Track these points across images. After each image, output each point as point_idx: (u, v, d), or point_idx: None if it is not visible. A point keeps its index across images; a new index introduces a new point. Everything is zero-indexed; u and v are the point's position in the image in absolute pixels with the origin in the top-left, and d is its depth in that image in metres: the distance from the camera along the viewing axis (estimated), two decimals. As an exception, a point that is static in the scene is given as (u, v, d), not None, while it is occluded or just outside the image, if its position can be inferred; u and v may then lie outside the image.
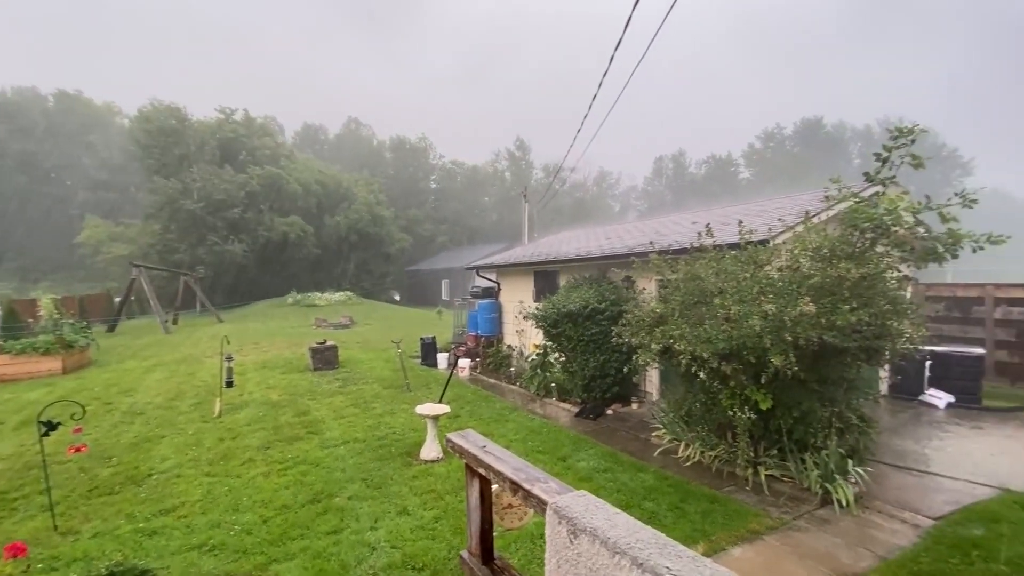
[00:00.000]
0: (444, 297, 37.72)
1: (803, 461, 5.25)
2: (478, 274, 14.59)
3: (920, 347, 5.72)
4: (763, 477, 5.28)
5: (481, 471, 1.66)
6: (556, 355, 9.41)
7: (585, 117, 10.24)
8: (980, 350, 8.50)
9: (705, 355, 5.15)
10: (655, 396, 8.61)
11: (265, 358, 13.84)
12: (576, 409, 8.33)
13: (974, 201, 4.88)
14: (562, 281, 10.79)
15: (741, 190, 62.23)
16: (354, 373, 11.64)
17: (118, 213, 43.72)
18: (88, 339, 14.29)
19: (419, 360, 13.30)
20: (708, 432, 5.97)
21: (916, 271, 5.92)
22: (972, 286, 10.18)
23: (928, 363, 8.40)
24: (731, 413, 5.43)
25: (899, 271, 5.53)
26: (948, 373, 8.29)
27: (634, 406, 8.51)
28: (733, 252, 5.97)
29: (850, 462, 5.11)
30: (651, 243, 7.98)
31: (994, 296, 9.82)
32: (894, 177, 5.28)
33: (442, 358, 12.78)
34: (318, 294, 34.01)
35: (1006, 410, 7.79)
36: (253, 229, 37.00)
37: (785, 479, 5.33)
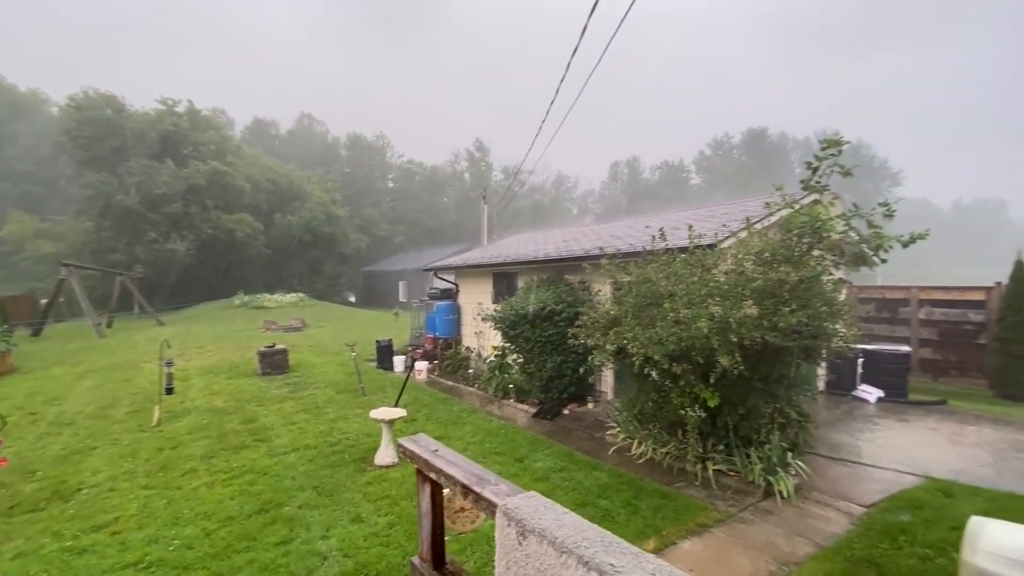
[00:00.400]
0: (401, 299, 37.07)
1: (748, 456, 5.49)
2: (436, 275, 14.45)
3: (853, 346, 6.11)
4: (711, 472, 5.48)
5: (432, 475, 1.64)
6: (514, 356, 9.45)
7: (543, 121, 10.34)
8: (906, 348, 9.16)
9: (656, 356, 5.30)
10: (610, 396, 8.79)
11: (210, 363, 13.18)
12: (534, 410, 8.38)
13: (893, 212, 5.30)
14: (520, 283, 10.84)
15: (692, 195, 64.60)
16: (305, 378, 11.26)
17: (45, 208, 40.60)
18: (8, 344, 13.17)
19: (375, 363, 13.02)
20: (660, 430, 6.15)
21: (849, 274, 6.31)
22: (898, 288, 10.97)
23: (860, 361, 8.97)
24: (682, 411, 5.62)
25: (833, 274, 5.88)
26: (878, 370, 8.89)
27: (590, 406, 8.65)
28: (683, 256, 6.17)
29: (791, 455, 5.39)
30: (605, 247, 8.14)
31: (918, 298, 10.62)
32: (827, 186, 5.62)
33: (399, 361, 12.57)
34: (268, 296, 32.71)
35: (929, 404, 8.42)
36: (197, 226, 35.15)
37: (731, 473, 5.55)
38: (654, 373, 5.48)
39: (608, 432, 6.92)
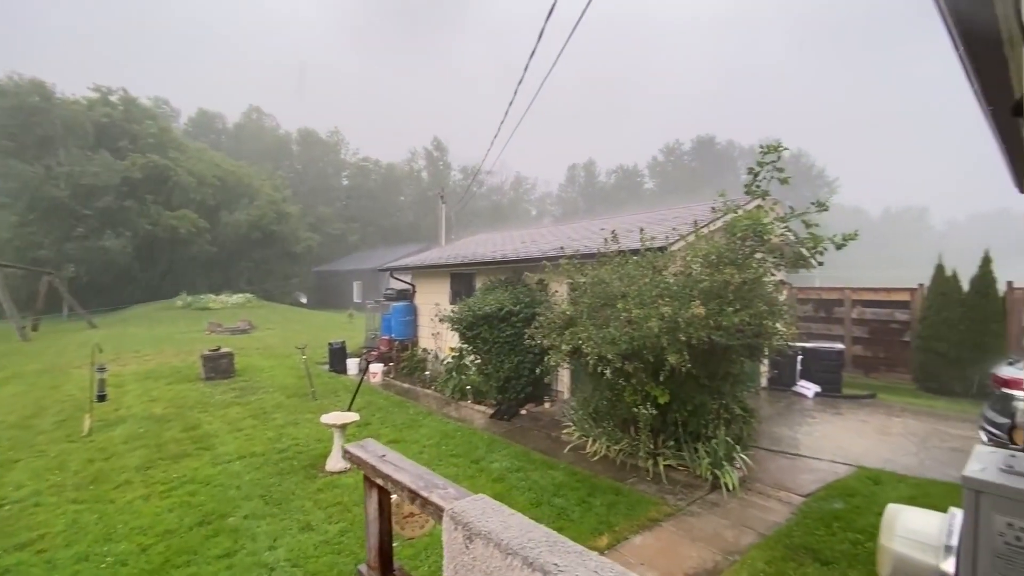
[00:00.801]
0: (356, 299, 36.27)
1: (696, 450, 5.70)
2: (392, 276, 14.21)
3: (792, 344, 6.46)
4: (662, 467, 5.65)
5: (379, 481, 1.62)
6: (472, 358, 9.42)
7: (502, 122, 10.35)
8: (840, 346, 9.76)
9: (610, 355, 5.42)
10: (566, 395, 8.90)
11: (148, 368, 12.45)
12: (491, 411, 8.38)
13: (826, 208, 5.67)
14: (478, 283, 10.82)
15: (646, 199, 66.36)
16: (253, 382, 10.82)
17: (-41, 201, 37.15)
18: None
19: (327, 367, 12.67)
20: (613, 427, 6.29)
21: (788, 276, 6.66)
22: (834, 289, 11.67)
23: (799, 358, 9.49)
24: (634, 409, 5.76)
25: (774, 275, 6.19)
26: (815, 366, 9.43)
27: (547, 405, 8.74)
28: (635, 258, 6.34)
29: (736, 449, 5.64)
30: (563, 248, 8.25)
31: (851, 298, 11.33)
32: (767, 191, 5.92)
33: (352, 364, 12.27)
34: (212, 296, 31.23)
35: (861, 397, 9.01)
36: (135, 222, 33.08)
37: (680, 468, 5.74)
38: (608, 372, 5.60)
39: (564, 431, 7.01)
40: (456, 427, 7.61)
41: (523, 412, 8.36)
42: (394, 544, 1.74)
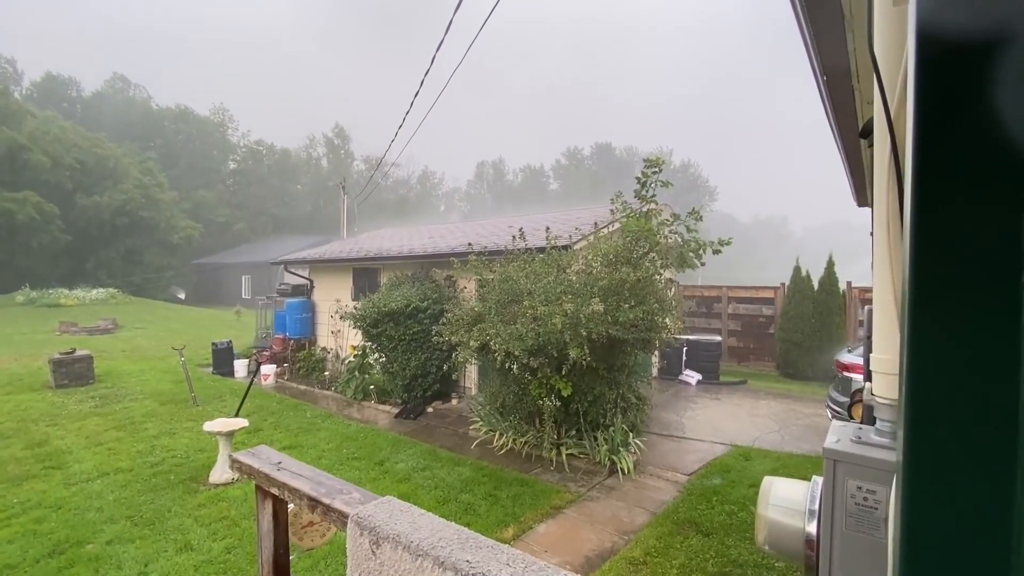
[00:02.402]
0: (245, 295, 33.35)
1: (595, 438, 6.02)
2: (287, 270, 13.27)
3: (679, 337, 7.05)
4: (564, 457, 5.89)
5: (274, 491, 1.49)
6: (376, 356, 9.09)
7: (407, 113, 10.08)
8: (718, 338, 10.84)
9: (517, 351, 5.53)
10: (474, 391, 8.92)
11: (-24, 376, 10.46)
12: (396, 410, 8.16)
13: (700, 217, 6.29)
14: (383, 279, 10.47)
15: (551, 199, 68.51)
16: (118, 389, 9.54)
17: None
18: None
19: (211, 369, 11.53)
20: (520, 420, 6.43)
21: (676, 275, 7.24)
22: (713, 287, 12.94)
23: (685, 349, 10.38)
24: (539, 402, 5.94)
25: (661, 274, 6.70)
26: (698, 357, 10.38)
27: (454, 402, 8.70)
28: (541, 256, 6.52)
29: (631, 435, 6.03)
30: (471, 244, 8.24)
31: (727, 296, 12.62)
32: (655, 197, 6.42)
33: (241, 365, 11.29)
34: (65, 291, 27.02)
35: (735, 383, 10.07)
36: (-42, 204, 27.57)
37: (582, 456, 6.03)
38: (515, 367, 5.71)
39: (471, 427, 7.03)
40: (359, 429, 7.31)
41: (430, 410, 8.25)
42: (291, 556, 1.63)
